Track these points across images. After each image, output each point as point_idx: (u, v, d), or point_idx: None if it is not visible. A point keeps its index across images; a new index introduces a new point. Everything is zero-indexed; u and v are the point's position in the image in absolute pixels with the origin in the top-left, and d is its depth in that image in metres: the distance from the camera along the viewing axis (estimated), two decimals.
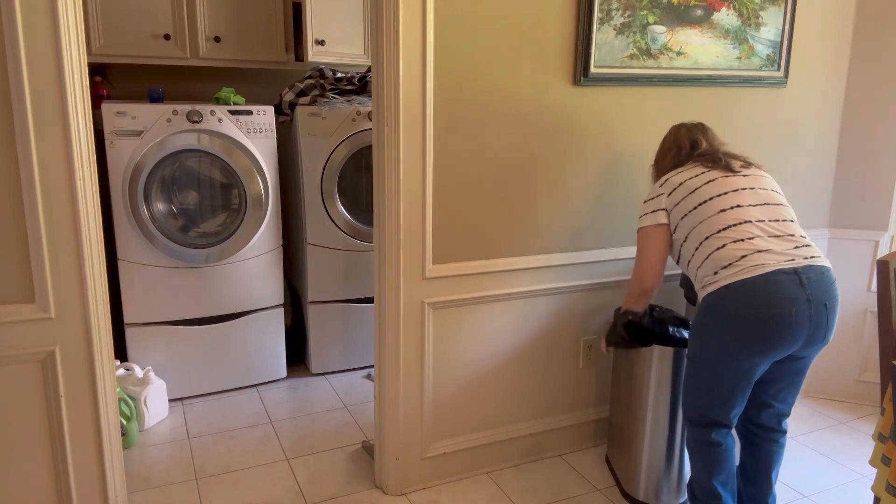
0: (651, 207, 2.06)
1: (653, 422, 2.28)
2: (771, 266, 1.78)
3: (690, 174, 2.01)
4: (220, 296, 3.06)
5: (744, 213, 1.88)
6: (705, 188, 1.95)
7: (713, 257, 1.87)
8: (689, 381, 2.01)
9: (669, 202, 2.02)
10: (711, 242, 1.88)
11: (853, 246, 3.03)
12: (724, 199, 1.91)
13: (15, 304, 1.74)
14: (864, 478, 2.54)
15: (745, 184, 1.94)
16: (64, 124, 1.69)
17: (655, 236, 2.05)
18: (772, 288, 1.77)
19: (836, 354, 3.14)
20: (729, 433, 1.99)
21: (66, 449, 1.86)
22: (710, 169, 1.99)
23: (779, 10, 2.64)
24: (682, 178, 2.01)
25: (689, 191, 1.97)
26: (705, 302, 1.89)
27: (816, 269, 1.82)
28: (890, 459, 1.53)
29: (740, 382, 1.88)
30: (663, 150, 2.20)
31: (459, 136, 2.21)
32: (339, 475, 2.49)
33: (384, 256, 2.22)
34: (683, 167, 2.06)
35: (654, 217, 2.04)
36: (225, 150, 2.92)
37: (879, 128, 2.92)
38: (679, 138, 2.15)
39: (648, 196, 2.09)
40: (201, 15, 3.14)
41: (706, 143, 2.10)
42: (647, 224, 2.06)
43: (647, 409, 2.28)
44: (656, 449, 2.29)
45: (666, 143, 2.20)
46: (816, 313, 1.80)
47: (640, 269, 2.10)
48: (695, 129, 2.15)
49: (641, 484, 2.33)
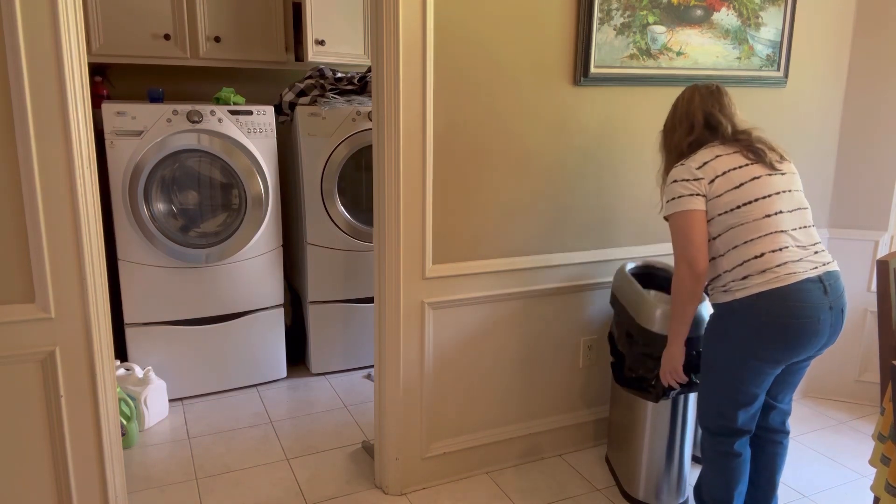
0: (688, 190, 1.87)
1: (653, 421, 2.28)
2: (801, 275, 1.78)
3: (733, 163, 1.86)
4: (220, 296, 3.06)
5: (782, 220, 1.83)
6: (750, 186, 1.83)
7: (748, 264, 1.81)
8: (709, 390, 1.94)
9: (711, 191, 1.85)
10: (749, 249, 1.81)
11: (853, 246, 3.03)
12: (768, 203, 1.83)
13: (15, 304, 1.73)
14: (864, 478, 2.54)
15: (784, 185, 1.87)
16: (64, 124, 1.69)
17: (697, 220, 1.85)
18: (802, 296, 1.77)
19: (836, 354, 3.14)
20: (748, 441, 1.97)
21: (66, 449, 1.86)
22: (754, 162, 1.86)
23: (779, 10, 2.64)
24: (725, 167, 1.85)
25: (732, 185, 1.84)
26: (729, 306, 1.84)
27: (833, 274, 1.85)
28: (890, 459, 1.53)
29: (760, 387, 1.88)
30: (675, 120, 2.01)
31: (459, 135, 2.21)
32: (339, 475, 2.49)
33: (384, 256, 2.22)
34: (718, 147, 1.89)
35: (692, 202, 1.86)
36: (225, 150, 2.92)
37: (879, 128, 2.92)
38: (692, 110, 1.96)
39: (682, 176, 1.88)
40: (201, 15, 3.14)
41: (725, 120, 1.93)
42: (687, 208, 1.86)
43: (646, 409, 2.27)
44: (656, 449, 2.29)
45: (678, 110, 2.01)
46: (835, 319, 1.83)
47: (687, 258, 1.86)
48: (710, 97, 1.96)
49: (641, 484, 2.33)
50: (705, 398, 1.97)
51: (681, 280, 1.89)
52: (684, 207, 1.86)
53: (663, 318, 2.12)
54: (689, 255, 1.86)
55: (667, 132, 2.05)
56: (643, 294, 2.22)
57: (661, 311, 2.13)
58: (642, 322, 2.17)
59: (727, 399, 1.91)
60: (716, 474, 2.00)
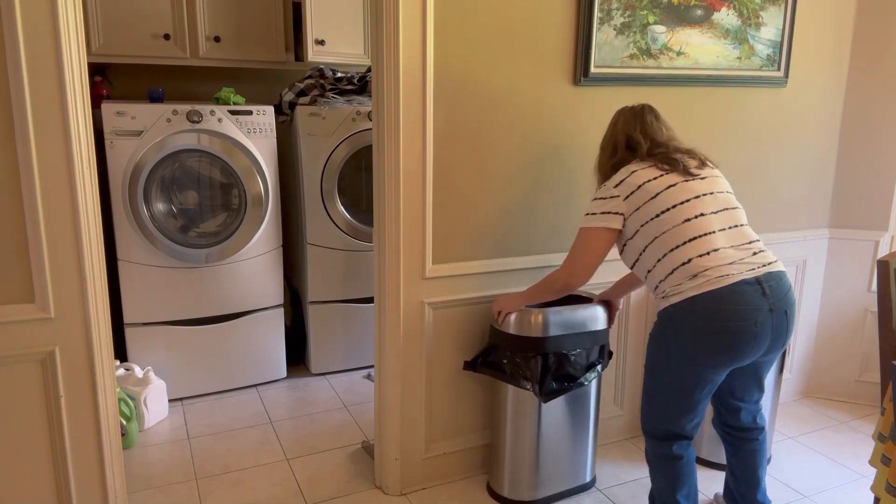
0: (604, 208, 1.91)
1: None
2: (735, 277, 1.76)
3: (648, 175, 1.87)
4: (220, 296, 3.06)
5: (707, 223, 1.82)
6: (666, 194, 1.84)
7: (679, 271, 1.80)
8: (651, 394, 1.95)
9: (627, 207, 1.87)
10: (676, 256, 1.81)
11: (853, 246, 3.03)
12: (687, 207, 1.82)
13: (15, 304, 1.73)
14: (864, 478, 2.54)
15: (705, 188, 1.86)
16: (64, 124, 1.69)
17: (602, 240, 1.92)
18: (738, 298, 1.75)
19: (836, 354, 3.14)
20: (690, 444, 1.96)
21: (65, 449, 1.86)
22: (669, 172, 1.87)
23: (779, 10, 2.64)
24: (640, 180, 1.87)
25: (649, 195, 1.85)
26: (668, 313, 1.83)
27: (775, 275, 1.82)
28: (890, 459, 1.53)
29: (704, 392, 1.87)
30: (602, 143, 2.07)
31: (460, 135, 2.21)
32: (339, 475, 2.49)
33: (384, 256, 2.22)
34: (633, 164, 1.93)
35: (606, 220, 1.90)
36: (225, 150, 2.92)
37: (879, 128, 2.92)
38: (616, 133, 2.02)
39: (601, 195, 1.94)
40: (201, 15, 3.14)
41: (644, 139, 1.96)
42: (597, 226, 1.91)
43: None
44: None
45: (606, 134, 2.06)
46: (778, 321, 1.80)
47: (572, 267, 1.96)
48: (633, 119, 2.00)
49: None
50: (648, 403, 1.96)
51: (555, 281, 2.03)
52: (592, 224, 1.93)
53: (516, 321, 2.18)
54: (575, 267, 1.96)
55: (599, 154, 2.09)
56: None
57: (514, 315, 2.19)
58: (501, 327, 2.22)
59: (670, 405, 1.90)
60: (658, 477, 2.00)
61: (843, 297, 3.09)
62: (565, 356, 2.17)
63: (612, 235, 1.92)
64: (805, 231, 2.98)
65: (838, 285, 3.08)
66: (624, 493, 2.41)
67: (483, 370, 2.28)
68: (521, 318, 2.16)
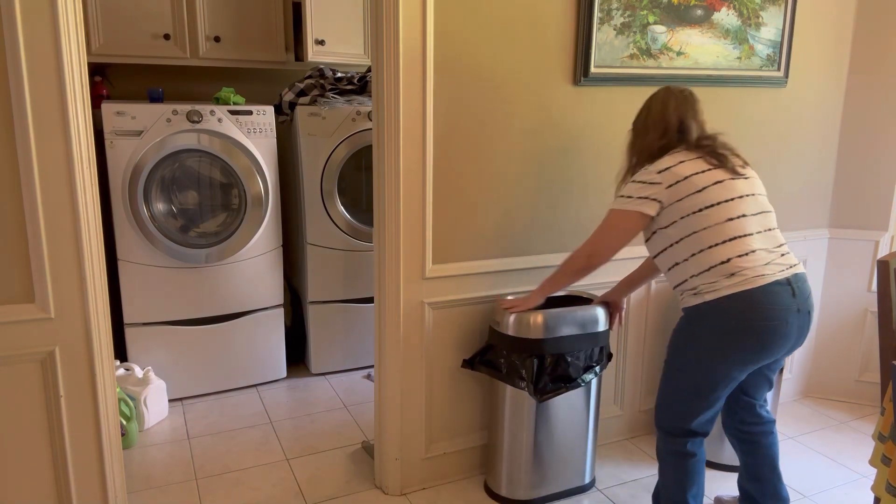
0: (642, 192, 1.86)
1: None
2: (769, 277, 1.78)
3: (696, 168, 1.85)
4: (220, 296, 3.06)
5: (747, 224, 1.83)
6: (712, 190, 1.83)
7: (716, 269, 1.80)
8: (671, 390, 1.95)
9: (668, 196, 1.84)
10: (715, 254, 1.80)
11: (853, 246, 3.03)
12: (731, 206, 1.82)
13: (15, 304, 1.73)
14: (864, 478, 2.54)
15: (747, 189, 1.87)
16: (64, 124, 1.69)
17: (632, 223, 1.88)
18: (771, 298, 1.77)
19: (836, 354, 3.14)
20: (703, 443, 1.97)
21: (65, 449, 1.86)
22: (716, 167, 1.86)
23: (779, 10, 2.64)
24: (687, 172, 1.84)
25: (694, 188, 1.83)
26: (699, 309, 1.83)
27: (801, 276, 1.85)
28: (890, 459, 1.53)
29: (726, 390, 1.89)
30: (648, 122, 1.98)
31: (459, 135, 2.21)
32: (339, 475, 2.49)
33: (384, 256, 2.22)
34: (681, 153, 1.89)
35: (642, 204, 1.86)
36: (225, 150, 2.92)
37: (879, 127, 2.92)
38: (667, 114, 1.94)
39: (642, 178, 1.88)
40: (201, 15, 3.14)
41: (695, 126, 1.93)
42: (631, 209, 1.87)
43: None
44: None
45: (653, 113, 1.98)
46: (802, 321, 1.84)
47: (594, 246, 1.94)
48: (685, 103, 1.96)
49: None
50: (667, 399, 1.97)
51: (576, 261, 1.99)
52: (626, 207, 1.88)
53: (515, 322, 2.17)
54: (597, 246, 1.94)
55: (637, 133, 2.02)
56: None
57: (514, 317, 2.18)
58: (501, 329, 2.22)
59: (691, 401, 1.91)
60: (668, 474, 2.00)
61: (843, 297, 3.09)
62: (563, 357, 2.17)
63: (644, 221, 1.88)
64: (805, 231, 2.99)
65: (838, 285, 3.08)
66: (624, 493, 2.41)
67: (481, 368, 2.28)
68: (520, 319, 2.16)
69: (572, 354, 2.19)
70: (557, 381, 2.17)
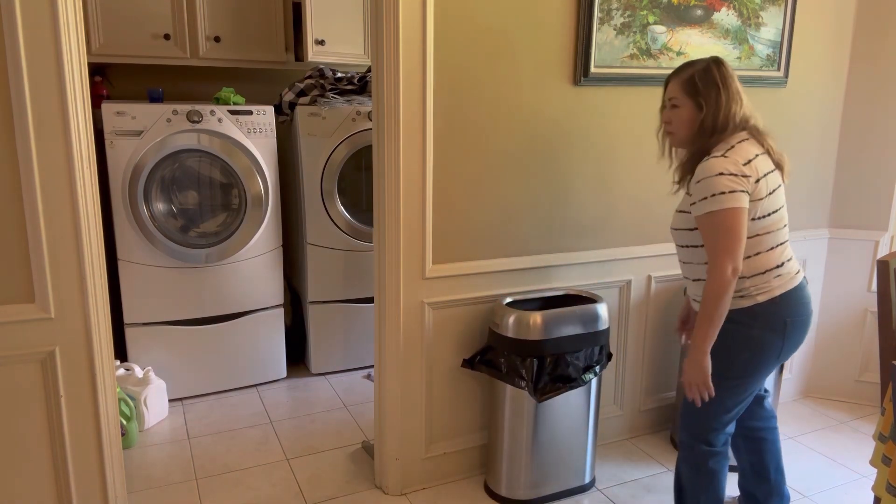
0: (738, 186, 1.69)
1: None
2: (800, 277, 1.88)
3: (768, 167, 1.78)
4: (220, 296, 3.06)
5: (786, 233, 1.89)
6: (777, 194, 1.82)
7: (770, 273, 1.81)
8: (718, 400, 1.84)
9: (752, 192, 1.73)
10: (771, 257, 1.81)
11: (853, 246, 3.03)
12: (783, 213, 1.86)
13: (15, 304, 1.73)
14: (864, 478, 2.54)
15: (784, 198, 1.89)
16: (64, 124, 1.69)
17: (742, 219, 1.70)
18: (805, 294, 1.88)
19: (836, 354, 3.14)
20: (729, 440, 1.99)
21: (66, 449, 1.86)
22: (776, 169, 1.82)
23: (779, 10, 2.64)
24: (765, 169, 1.77)
25: (768, 190, 1.77)
26: (752, 311, 1.80)
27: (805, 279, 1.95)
28: (890, 459, 1.53)
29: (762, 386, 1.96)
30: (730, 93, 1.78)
31: (459, 135, 2.21)
32: (339, 475, 2.49)
33: (384, 256, 2.22)
34: (752, 143, 1.78)
35: (740, 199, 1.69)
36: (225, 150, 2.92)
37: (879, 128, 2.92)
38: (733, 93, 1.78)
39: (729, 169, 1.70)
40: (201, 15, 3.14)
41: (752, 120, 1.82)
42: (738, 205, 1.69)
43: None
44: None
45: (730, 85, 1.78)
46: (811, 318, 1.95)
47: (728, 256, 1.69)
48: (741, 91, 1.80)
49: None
50: (715, 411, 1.88)
51: (722, 277, 1.70)
52: (735, 204, 1.69)
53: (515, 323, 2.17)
54: (731, 254, 1.70)
55: (710, 107, 1.77)
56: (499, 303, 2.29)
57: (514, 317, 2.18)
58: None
59: (732, 403, 1.89)
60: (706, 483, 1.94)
61: (843, 297, 3.09)
62: (562, 357, 2.17)
63: (747, 215, 1.73)
64: (805, 231, 2.99)
65: (838, 285, 3.08)
66: (624, 493, 2.41)
67: (481, 368, 2.28)
68: (520, 320, 2.16)
69: (572, 354, 2.19)
70: (557, 381, 2.18)
